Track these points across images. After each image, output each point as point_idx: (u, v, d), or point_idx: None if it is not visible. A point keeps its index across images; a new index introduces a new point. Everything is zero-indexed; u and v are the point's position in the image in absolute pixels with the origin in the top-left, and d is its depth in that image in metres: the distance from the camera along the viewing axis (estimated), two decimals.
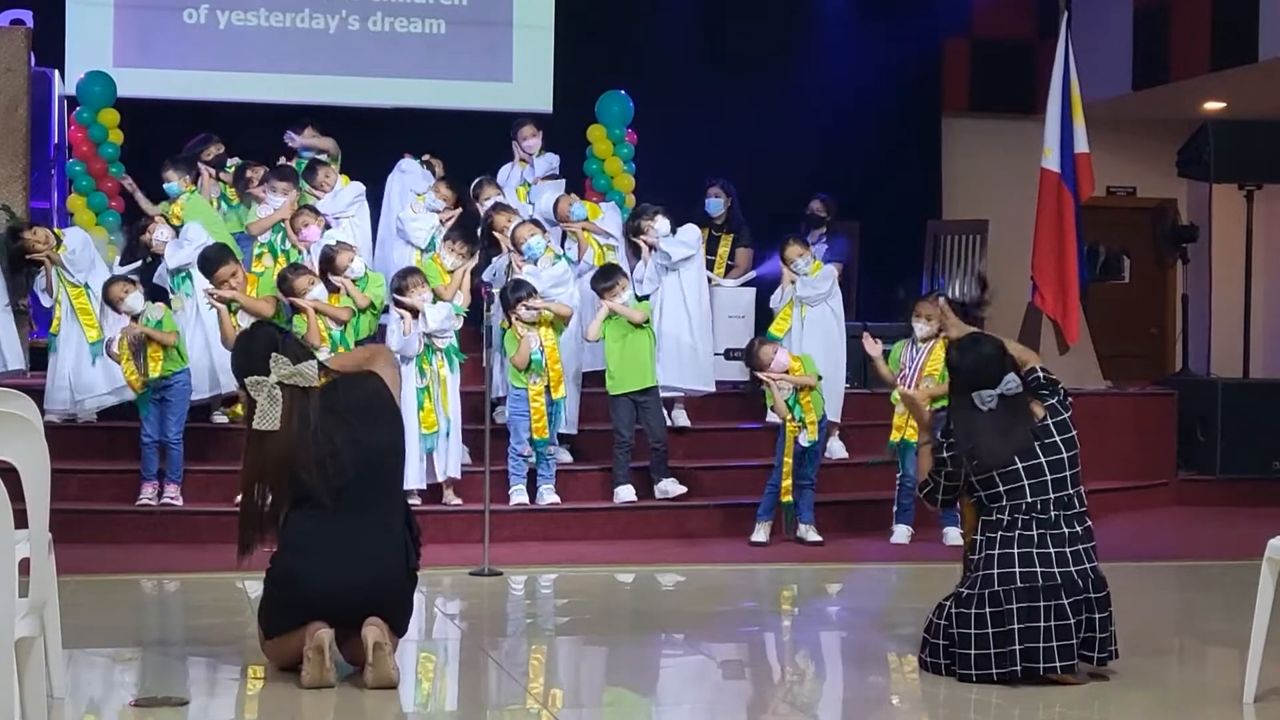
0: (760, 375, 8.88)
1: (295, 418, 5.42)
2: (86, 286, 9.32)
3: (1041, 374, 5.71)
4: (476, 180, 10.53)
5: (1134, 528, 9.91)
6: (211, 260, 9.15)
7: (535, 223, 9.68)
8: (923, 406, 6.27)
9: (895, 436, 8.96)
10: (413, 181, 10.81)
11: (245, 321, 8.57)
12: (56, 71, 11.99)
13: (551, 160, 10.94)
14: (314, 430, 5.40)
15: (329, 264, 9.05)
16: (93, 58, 12.19)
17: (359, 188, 10.39)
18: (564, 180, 10.97)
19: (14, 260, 9.47)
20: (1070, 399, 5.68)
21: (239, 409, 9.06)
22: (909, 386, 8.70)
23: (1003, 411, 5.53)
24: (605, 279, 9.34)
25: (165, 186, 10.22)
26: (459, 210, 10.29)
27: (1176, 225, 13.57)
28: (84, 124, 11.41)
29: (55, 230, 9.76)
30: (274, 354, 5.50)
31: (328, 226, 9.90)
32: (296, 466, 5.38)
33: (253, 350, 5.58)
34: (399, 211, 10.48)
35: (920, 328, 8.98)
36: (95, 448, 9.31)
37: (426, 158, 11.14)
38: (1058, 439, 5.54)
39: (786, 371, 8.83)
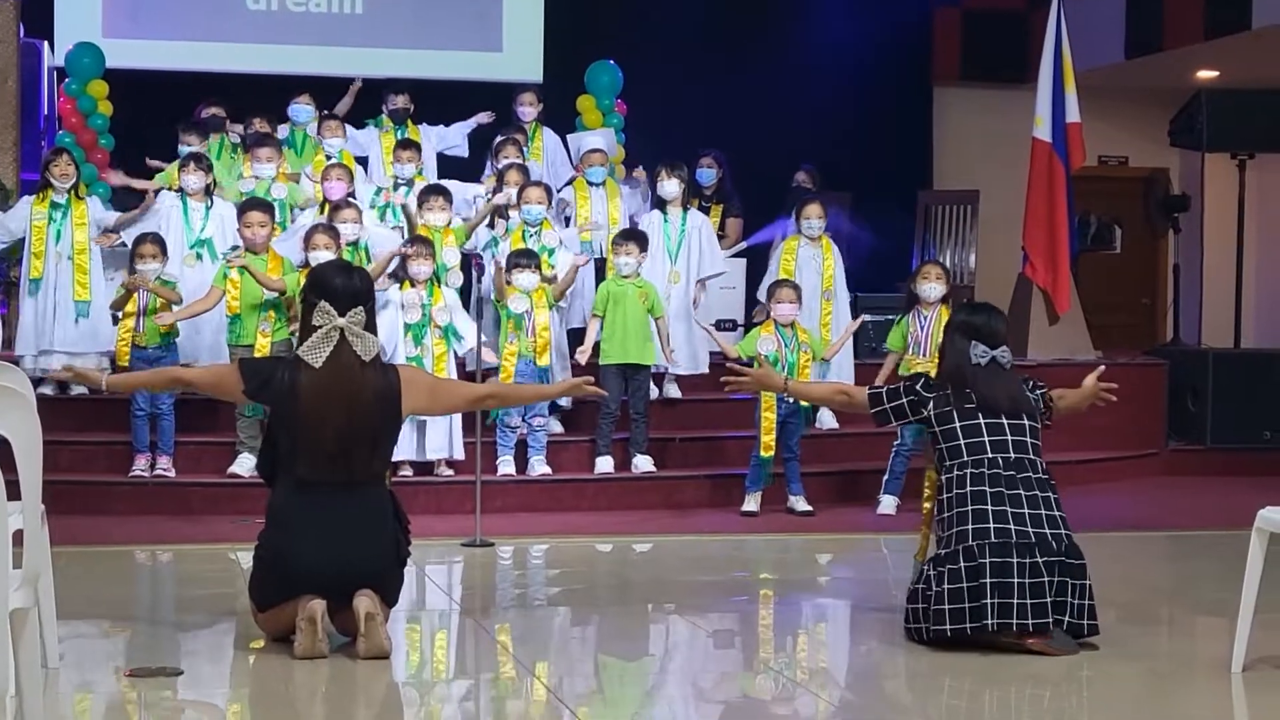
0: (770, 313, 8.87)
1: (331, 372, 5.38)
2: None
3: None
4: (500, 140, 10.55)
5: (1124, 498, 9.94)
6: (244, 206, 9.07)
7: (547, 190, 9.71)
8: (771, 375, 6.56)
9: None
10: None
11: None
12: (45, 43, 11.95)
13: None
14: (337, 395, 5.35)
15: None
16: (82, 29, 12.12)
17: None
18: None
19: None
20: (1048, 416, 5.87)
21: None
22: (923, 354, 8.71)
23: (991, 370, 5.73)
24: (619, 238, 9.39)
25: (181, 150, 10.15)
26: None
27: (1168, 195, 13.59)
28: (73, 95, 11.35)
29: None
30: (359, 305, 5.46)
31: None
32: (306, 418, 5.34)
33: (349, 286, 5.46)
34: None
35: (929, 289, 8.95)
36: (87, 419, 9.30)
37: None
38: (1024, 411, 5.68)
39: (791, 325, 8.83)
